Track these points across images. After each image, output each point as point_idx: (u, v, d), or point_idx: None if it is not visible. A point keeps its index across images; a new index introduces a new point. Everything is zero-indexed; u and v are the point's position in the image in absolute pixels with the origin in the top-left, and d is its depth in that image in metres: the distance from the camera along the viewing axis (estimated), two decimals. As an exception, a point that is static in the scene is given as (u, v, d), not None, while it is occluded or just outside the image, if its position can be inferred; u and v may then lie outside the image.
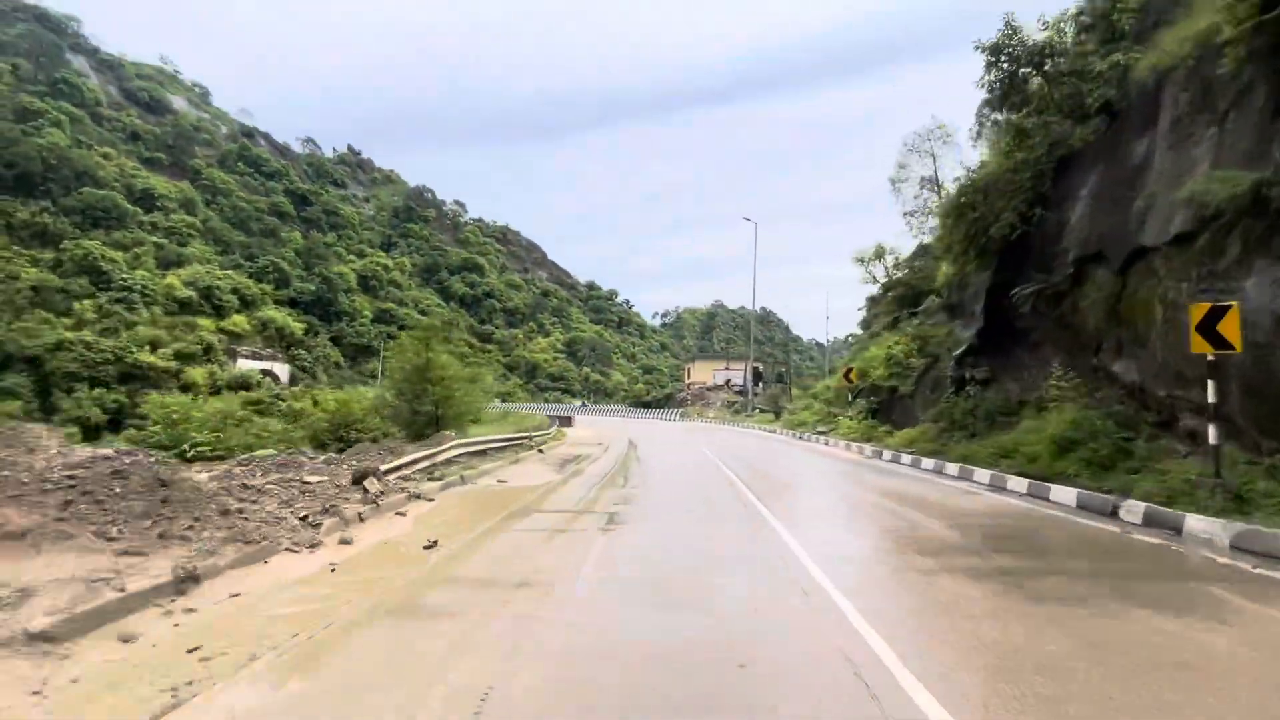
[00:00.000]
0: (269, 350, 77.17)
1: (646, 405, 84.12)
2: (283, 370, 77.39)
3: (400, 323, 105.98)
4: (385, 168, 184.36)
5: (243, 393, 61.52)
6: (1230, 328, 9.26)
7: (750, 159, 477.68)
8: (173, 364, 60.52)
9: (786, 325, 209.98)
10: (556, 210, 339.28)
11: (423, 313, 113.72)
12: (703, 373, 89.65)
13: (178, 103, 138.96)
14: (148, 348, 59.84)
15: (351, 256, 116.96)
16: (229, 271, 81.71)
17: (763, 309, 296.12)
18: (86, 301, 62.95)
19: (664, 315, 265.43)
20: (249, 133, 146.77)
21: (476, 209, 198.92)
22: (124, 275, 67.13)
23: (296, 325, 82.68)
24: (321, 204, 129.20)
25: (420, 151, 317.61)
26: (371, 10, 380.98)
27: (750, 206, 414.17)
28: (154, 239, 78.62)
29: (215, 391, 61.29)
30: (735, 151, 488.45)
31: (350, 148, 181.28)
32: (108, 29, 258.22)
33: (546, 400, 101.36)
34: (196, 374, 61.40)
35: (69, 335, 54.61)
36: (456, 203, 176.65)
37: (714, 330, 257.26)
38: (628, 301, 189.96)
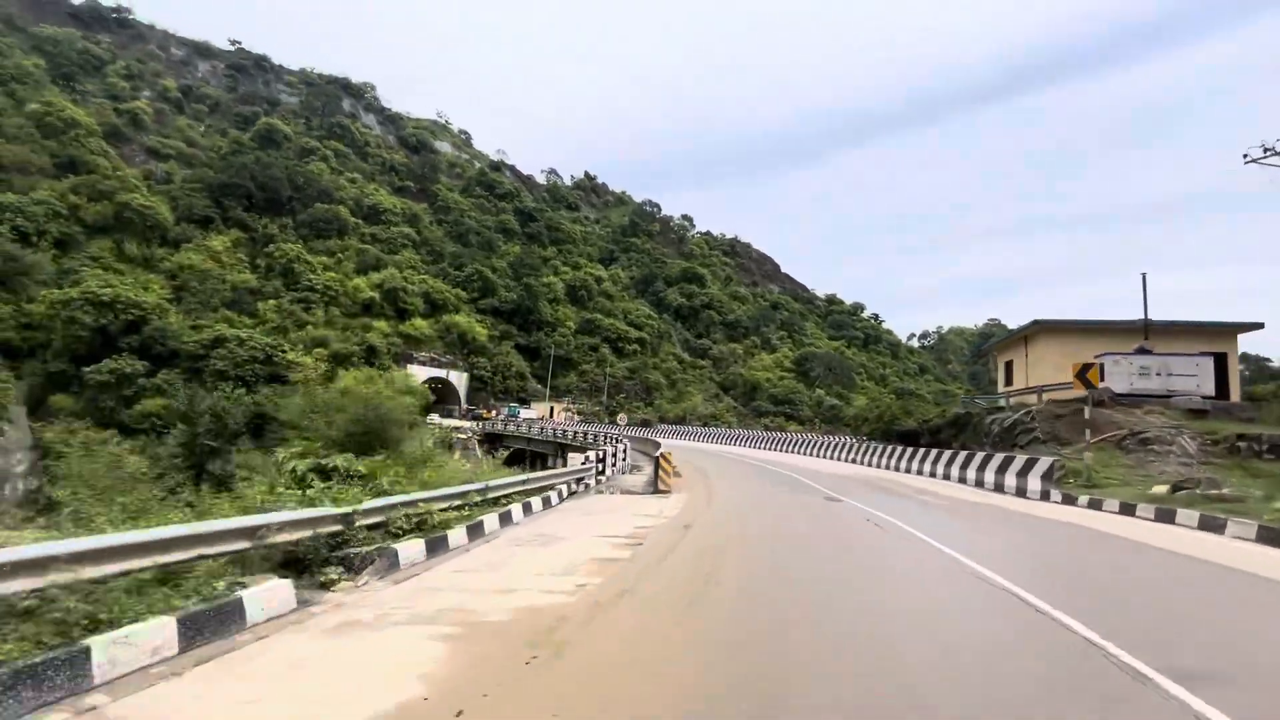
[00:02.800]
0: (449, 356, 69.17)
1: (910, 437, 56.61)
2: (459, 378, 68.58)
3: (605, 334, 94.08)
4: (618, 189, 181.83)
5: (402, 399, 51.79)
6: None
7: (1026, 160, 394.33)
8: (324, 365, 53.31)
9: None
10: (800, 232, 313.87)
11: (632, 324, 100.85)
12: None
13: (443, 146, 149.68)
14: (301, 348, 53.48)
15: (566, 269, 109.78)
16: (425, 276, 76.88)
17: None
18: (272, 302, 59.88)
19: (922, 337, 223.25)
20: (497, 166, 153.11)
21: (708, 226, 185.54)
22: (311, 276, 63.82)
23: (480, 330, 74.14)
24: (545, 220, 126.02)
25: (664, 181, 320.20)
26: (621, 59, 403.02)
27: (1030, 212, 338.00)
28: (363, 245, 77.02)
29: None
30: (1003, 155, 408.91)
31: (586, 174, 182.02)
32: (397, 93, 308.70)
33: (765, 426, 79.47)
34: (348, 378, 53.54)
35: (227, 331, 49.62)
36: (684, 217, 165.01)
37: (989, 353, 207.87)
38: (876, 316, 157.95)
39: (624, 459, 22.82)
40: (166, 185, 77.84)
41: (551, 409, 70.70)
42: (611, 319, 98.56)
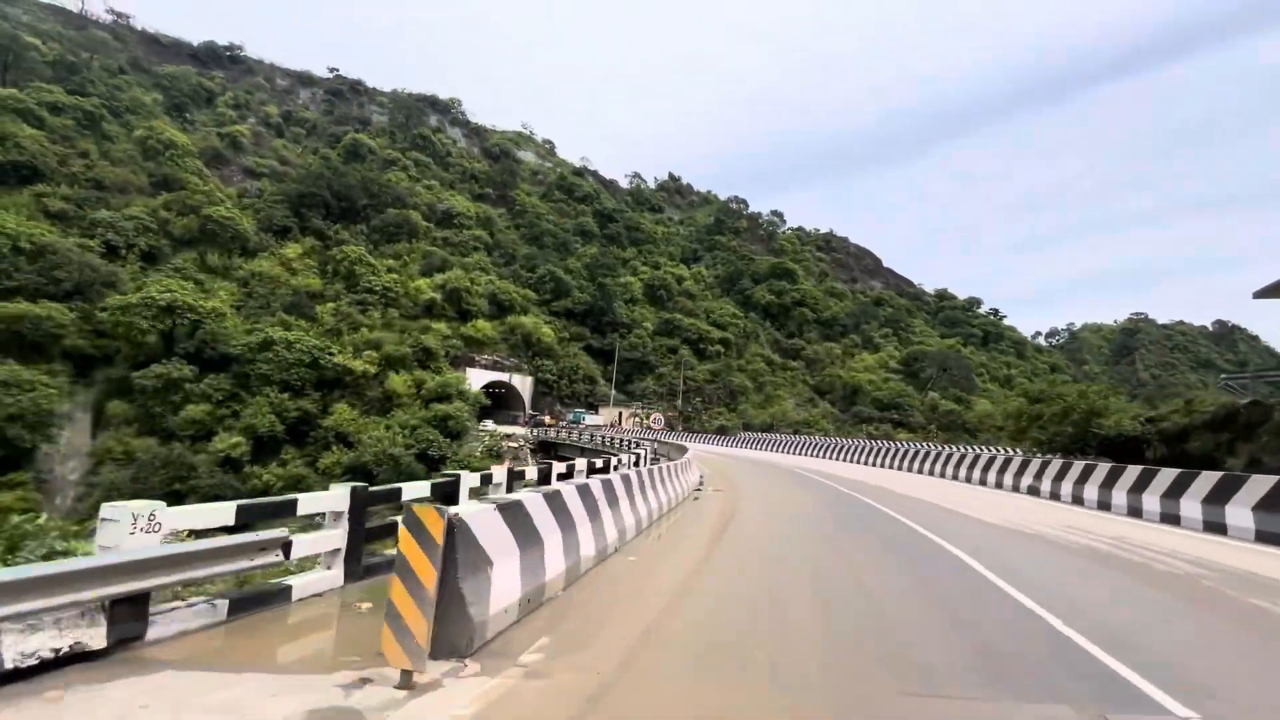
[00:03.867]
0: (512, 359, 64.61)
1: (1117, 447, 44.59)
2: (523, 382, 63.75)
3: (685, 334, 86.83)
4: (703, 190, 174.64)
5: (444, 405, 47.50)
6: None
7: (1163, 139, 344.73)
8: (373, 369, 49.84)
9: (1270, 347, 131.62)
10: (901, 227, 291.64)
11: (715, 323, 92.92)
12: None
13: (526, 155, 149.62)
14: (350, 350, 50.33)
15: (645, 269, 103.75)
16: (492, 277, 73.27)
17: (1216, 323, 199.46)
18: (330, 305, 57.78)
19: (1049, 335, 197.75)
20: (579, 171, 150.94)
21: (799, 223, 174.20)
22: (371, 279, 61.42)
23: (547, 332, 69.17)
24: (625, 220, 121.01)
25: (754, 182, 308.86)
26: (712, 64, 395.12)
27: (1169, 194, 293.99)
28: (430, 248, 74.73)
29: (434, 401, 48.70)
30: (1136, 134, 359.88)
31: (670, 175, 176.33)
32: (485, 109, 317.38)
33: (869, 434, 68.89)
34: (396, 381, 49.87)
35: (275, 334, 47.21)
36: (774, 213, 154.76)
37: (1136, 352, 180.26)
38: (995, 312, 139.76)
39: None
40: (258, 200, 79.80)
41: (620, 415, 64.42)
42: (693, 319, 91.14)
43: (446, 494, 7.31)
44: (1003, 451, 26.04)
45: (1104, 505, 14.36)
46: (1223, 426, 15.42)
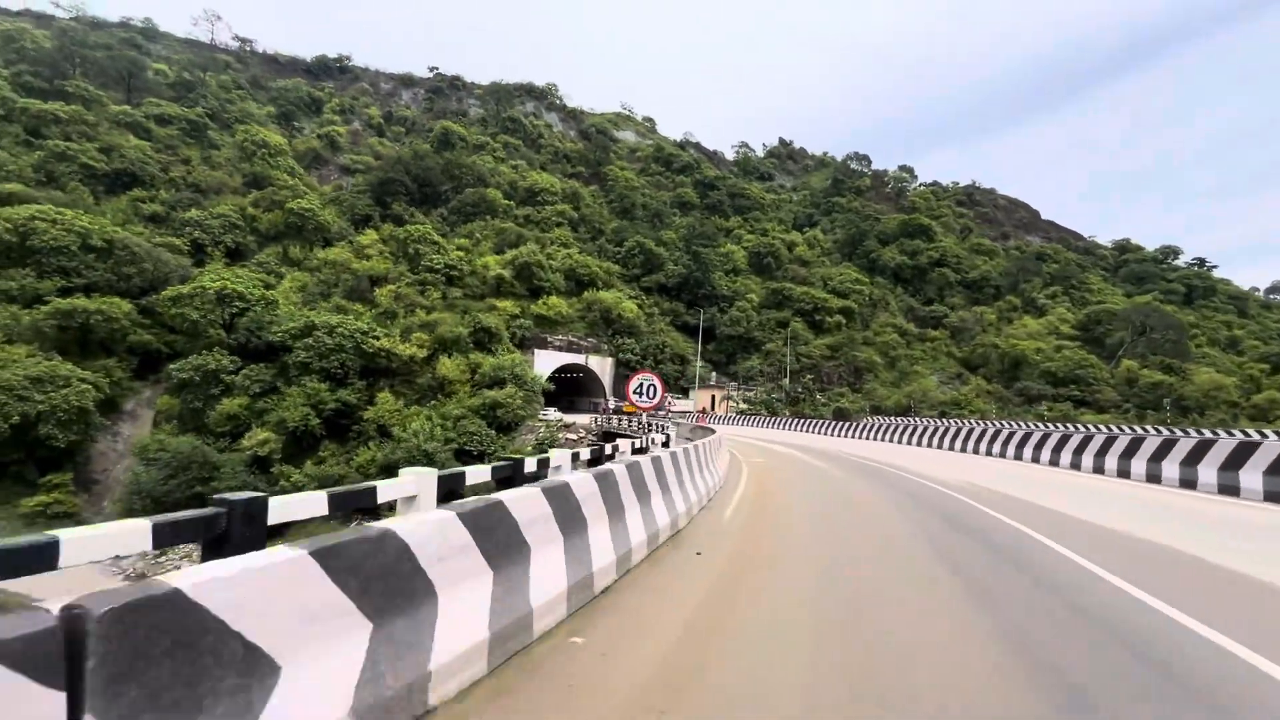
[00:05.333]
0: (590, 339, 56.27)
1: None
2: (602, 364, 55.17)
3: (798, 305, 74.16)
4: (817, 153, 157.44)
5: (494, 391, 40.08)
6: None
7: None
8: (423, 352, 43.48)
9: None
10: (1058, 179, 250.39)
11: (834, 291, 79.10)
12: None
13: (625, 135, 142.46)
14: (398, 334, 44.28)
15: (750, 236, 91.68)
16: (571, 250, 65.50)
17: None
18: (389, 287, 52.70)
19: (1272, 291, 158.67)
20: (683, 145, 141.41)
21: (933, 178, 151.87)
22: (434, 257, 55.72)
23: (629, 307, 60.06)
24: (728, 187, 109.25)
25: (878, 143, 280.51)
26: (827, 26, 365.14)
27: None
28: (504, 225, 68.49)
29: (486, 387, 41.69)
30: None
31: (781, 140, 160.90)
32: (585, 92, 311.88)
33: (1040, 416, 53.22)
34: (447, 365, 43.13)
35: (316, 319, 42.23)
36: (902, 168, 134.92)
37: None
38: (1201, 262, 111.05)
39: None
40: (345, 193, 78.54)
41: (713, 398, 54.05)
42: (806, 287, 77.96)
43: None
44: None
45: None
46: None
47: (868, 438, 29.67)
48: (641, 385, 13.22)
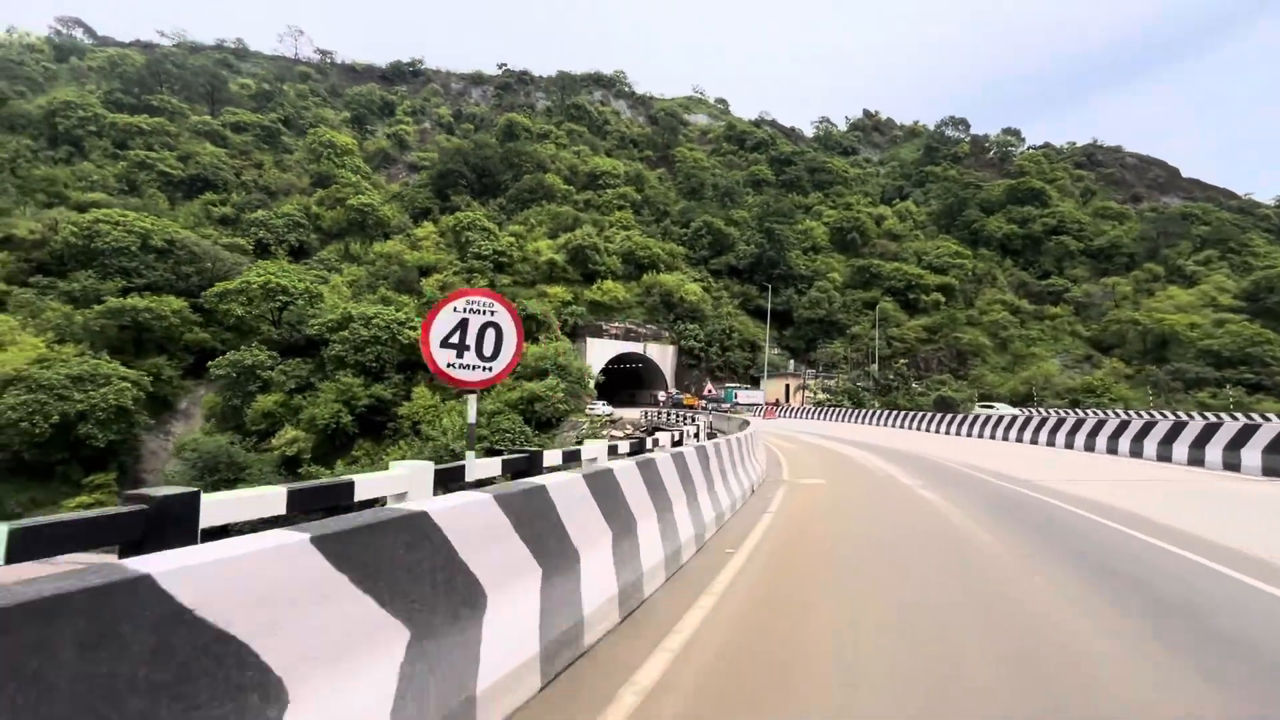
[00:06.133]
0: (650, 325, 51.10)
1: None
2: (663, 353, 49.86)
3: (887, 283, 65.75)
4: (907, 122, 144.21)
5: (532, 384, 35.91)
6: None
7: None
8: (463, 342, 39.84)
9: None
10: (1200, 137, 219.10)
11: (930, 267, 69.79)
12: None
13: (697, 118, 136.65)
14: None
15: (831, 211, 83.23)
16: (630, 232, 60.57)
17: None
18: (435, 276, 49.88)
19: None
20: (758, 122, 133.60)
21: (1045, 137, 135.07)
22: (482, 244, 52.44)
23: (693, 289, 54.31)
24: (806, 162, 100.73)
25: (975, 109, 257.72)
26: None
27: None
28: (560, 209, 64.59)
29: (526, 379, 37.71)
30: None
31: (866, 111, 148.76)
32: (656, 78, 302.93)
33: (1201, 405, 43.23)
34: (488, 355, 39.32)
35: (353, 310, 39.72)
36: (1006, 131, 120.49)
37: None
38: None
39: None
40: (407, 188, 77.83)
41: (787, 388, 47.45)
42: (897, 263, 69.05)
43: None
44: None
45: None
46: None
47: (987, 435, 22.63)
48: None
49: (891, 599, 4.37)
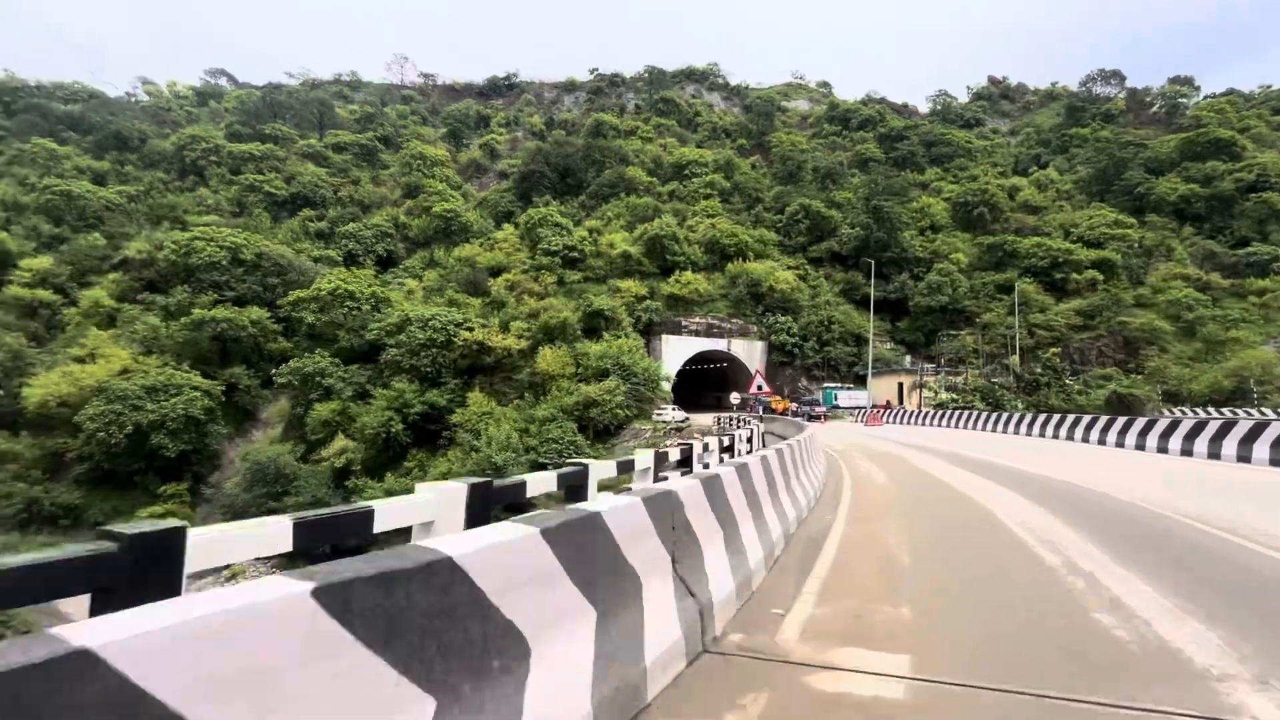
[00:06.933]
0: (736, 320, 45.18)
1: None
2: (749, 350, 43.77)
3: (1026, 262, 55.31)
4: (1041, 85, 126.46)
5: (589, 387, 31.62)
6: None
7: None
8: (522, 343, 36.48)
9: None
10: None
11: (1084, 240, 58.10)
12: None
13: (798, 104, 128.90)
14: (497, 324, 37.85)
15: (952, 186, 72.58)
16: (714, 220, 54.91)
17: None
18: (504, 276, 47.18)
19: None
20: (866, 101, 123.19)
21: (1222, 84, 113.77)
22: (553, 240, 49.14)
23: (784, 278, 47.62)
24: (920, 135, 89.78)
25: (1126, 58, 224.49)
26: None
27: None
28: (639, 201, 60.15)
29: (584, 381, 33.71)
30: None
31: (991, 78, 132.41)
32: (754, 67, 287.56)
33: None
34: (547, 357, 35.48)
35: (411, 311, 37.64)
36: (1176, 80, 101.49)
37: None
38: None
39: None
40: (491, 193, 77.38)
41: (900, 387, 39.64)
42: (1038, 239, 57.93)
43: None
44: None
45: None
46: None
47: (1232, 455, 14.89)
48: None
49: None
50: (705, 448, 9.36)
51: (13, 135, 74.51)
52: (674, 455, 7.87)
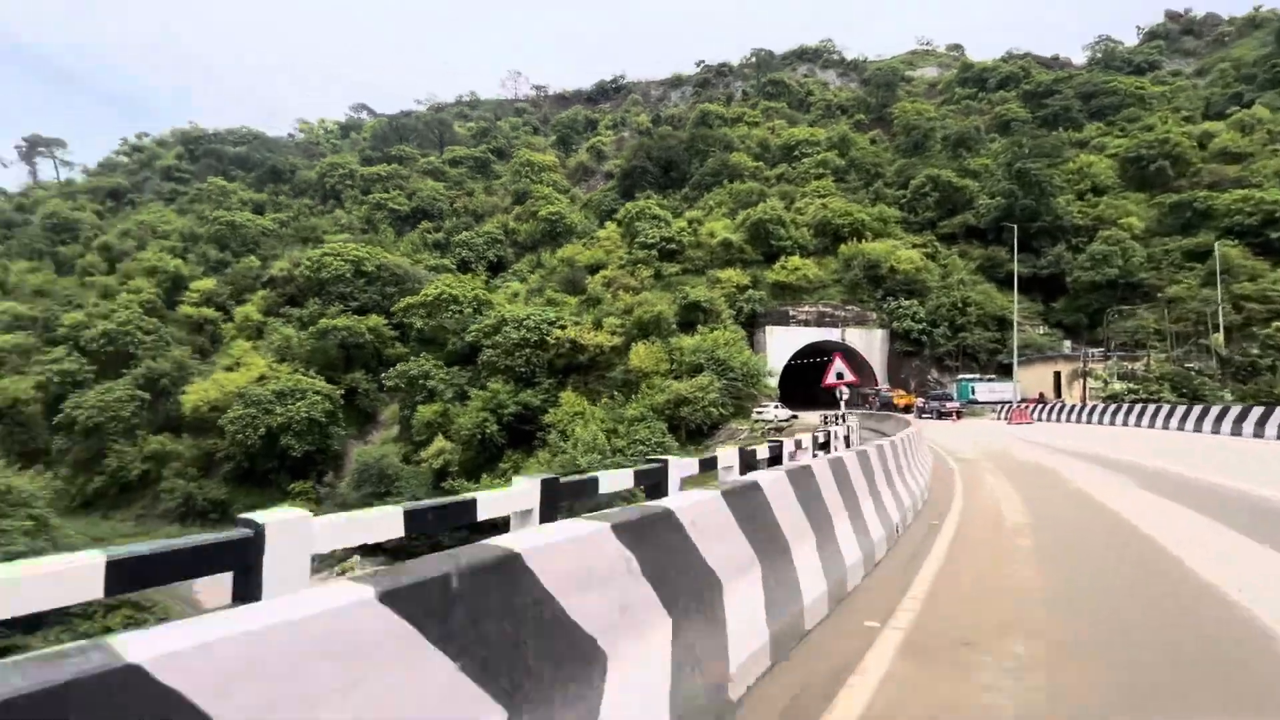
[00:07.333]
0: (852, 307, 40.58)
1: None
2: (867, 337, 39.02)
3: (1225, 222, 45.32)
4: (1239, 12, 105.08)
5: (680, 384, 29.43)
6: None
7: None
8: (614, 340, 34.96)
9: None
10: None
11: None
12: None
13: (925, 71, 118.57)
14: (590, 321, 36.60)
15: (1119, 141, 61.54)
16: (823, 201, 50.17)
17: None
18: (602, 273, 46.07)
19: None
20: (1007, 58, 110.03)
21: None
22: (650, 232, 47.25)
23: (907, 257, 42.02)
24: (1075, 87, 77.60)
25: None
26: None
27: None
28: (744, 186, 56.55)
29: (676, 378, 31.72)
30: None
31: (1168, 13, 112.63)
32: (870, 39, 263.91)
33: None
34: (640, 353, 33.61)
35: (507, 312, 37.61)
36: None
37: None
38: None
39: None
40: (595, 194, 77.45)
41: (1056, 378, 33.09)
42: (1244, 192, 46.99)
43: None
44: None
45: None
46: None
47: None
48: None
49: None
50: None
51: (194, 177, 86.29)
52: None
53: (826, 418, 23.74)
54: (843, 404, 19.89)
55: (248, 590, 2.24)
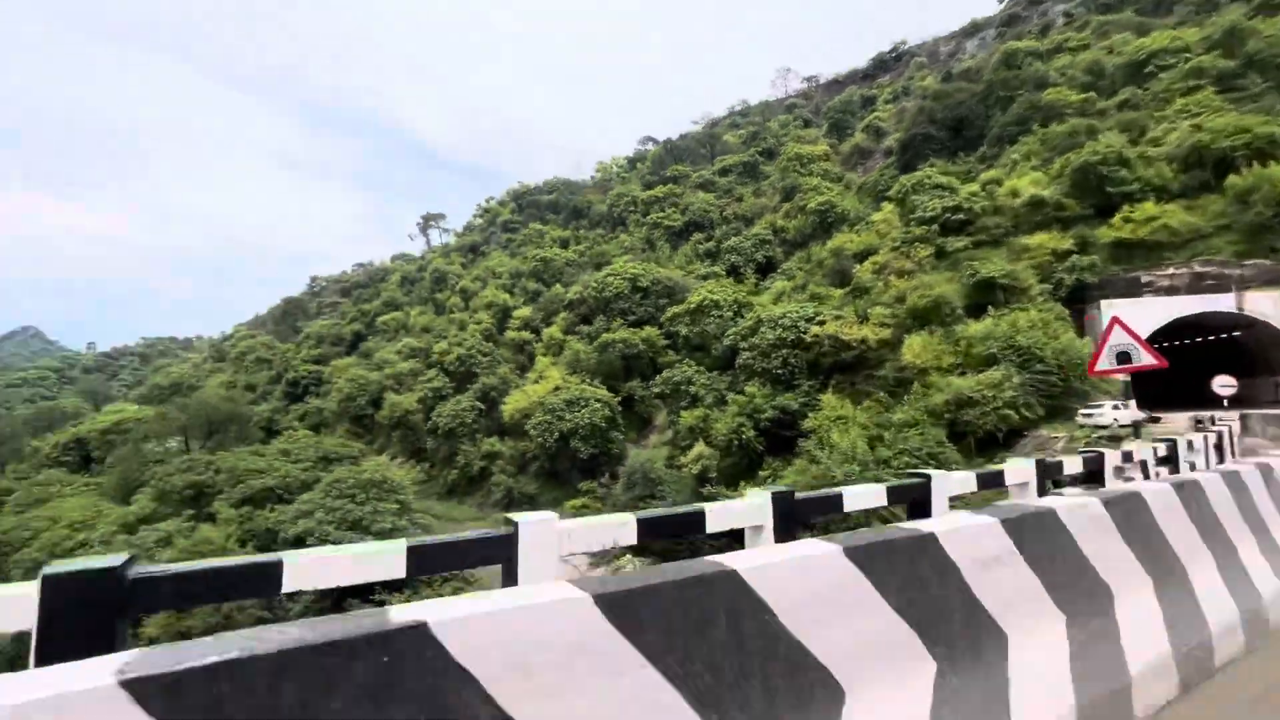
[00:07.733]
0: (1252, 261, 27.86)
1: None
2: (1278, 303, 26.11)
3: None
4: None
5: (964, 380, 24.20)
6: None
7: None
8: (882, 334, 30.37)
9: None
10: None
11: None
12: None
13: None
14: (851, 315, 32.40)
15: None
16: (1195, 120, 35.89)
17: None
18: (871, 260, 40.67)
19: None
20: None
21: None
22: (930, 204, 39.91)
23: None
24: None
25: None
26: None
27: None
28: (1064, 127, 43.92)
29: (959, 374, 26.43)
30: None
31: None
32: None
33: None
34: (914, 345, 28.25)
35: (763, 311, 36.08)
36: None
37: None
38: None
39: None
40: (877, 173, 69.96)
41: None
42: None
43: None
44: None
45: None
46: None
47: None
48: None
49: None
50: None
51: (521, 225, 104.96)
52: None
53: (1199, 421, 16.21)
54: (1225, 402, 13.83)
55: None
